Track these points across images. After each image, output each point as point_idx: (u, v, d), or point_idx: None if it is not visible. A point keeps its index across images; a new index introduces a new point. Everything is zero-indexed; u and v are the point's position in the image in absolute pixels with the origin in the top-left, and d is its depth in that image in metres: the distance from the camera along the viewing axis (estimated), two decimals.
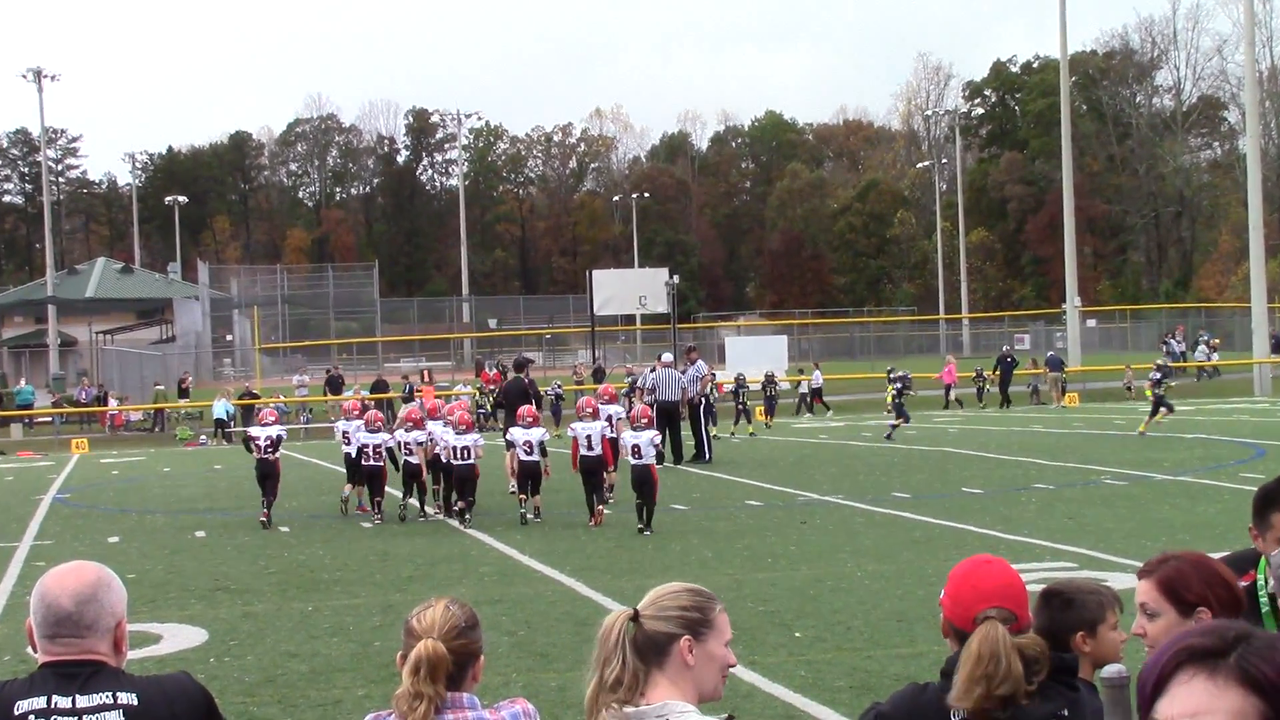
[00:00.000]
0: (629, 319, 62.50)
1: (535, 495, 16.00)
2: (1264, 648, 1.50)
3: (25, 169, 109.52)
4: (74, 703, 2.97)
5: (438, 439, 16.79)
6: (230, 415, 37.55)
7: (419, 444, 16.95)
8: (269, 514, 16.38)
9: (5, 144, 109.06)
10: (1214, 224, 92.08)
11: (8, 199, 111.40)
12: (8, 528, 17.45)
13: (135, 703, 3.00)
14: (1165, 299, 79.50)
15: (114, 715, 2.98)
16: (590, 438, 15.81)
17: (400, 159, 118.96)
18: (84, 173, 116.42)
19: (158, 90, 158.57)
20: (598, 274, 45.46)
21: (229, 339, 69.86)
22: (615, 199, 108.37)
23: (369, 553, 13.99)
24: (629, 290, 43.53)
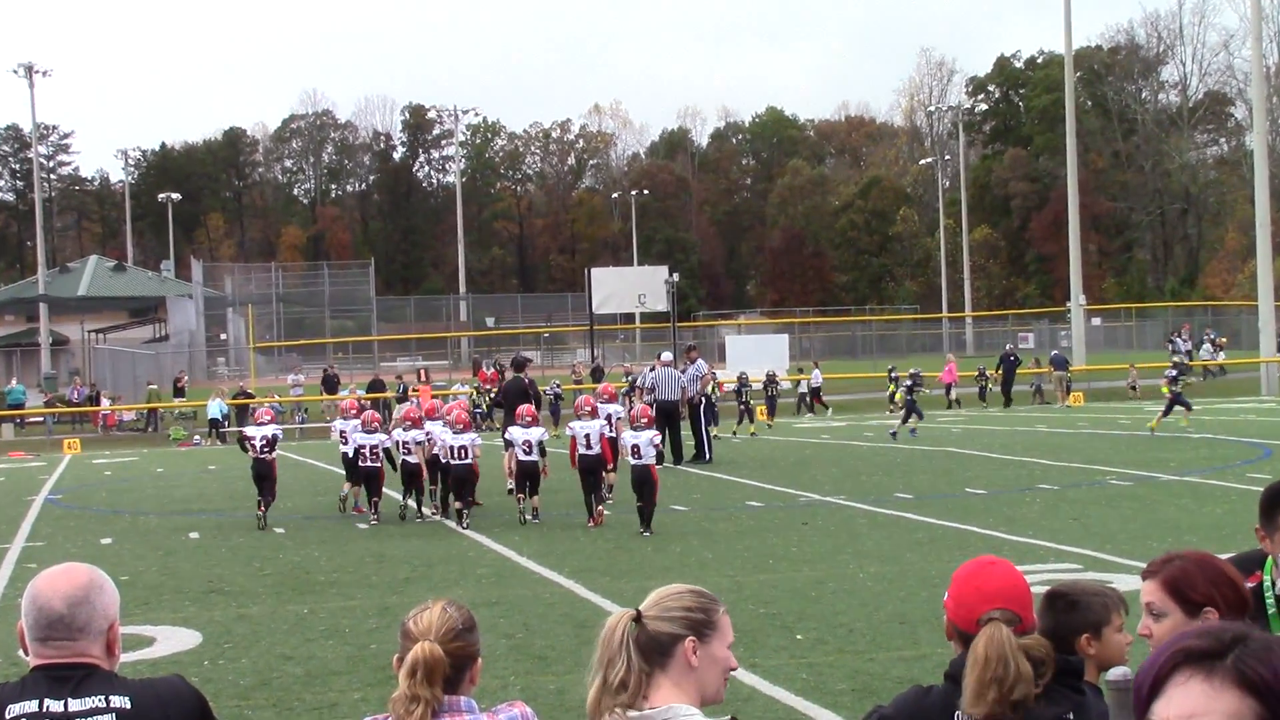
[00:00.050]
0: (628, 318, 62.53)
1: (534, 496, 15.97)
2: (1261, 649, 1.51)
3: (16, 165, 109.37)
4: (66, 706, 2.95)
5: (436, 439, 16.76)
6: (224, 415, 37.47)
7: (417, 443, 16.90)
8: (264, 513, 16.35)
9: None
10: (1220, 221, 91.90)
11: None
12: None
13: (128, 706, 2.98)
14: (1171, 297, 79.37)
15: (107, 719, 2.96)
16: (589, 436, 15.75)
17: (397, 156, 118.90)
18: (76, 169, 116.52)
19: (151, 86, 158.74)
20: (596, 272, 45.49)
21: (223, 338, 69.74)
22: (614, 196, 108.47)
23: (365, 554, 13.95)
24: (628, 288, 43.52)
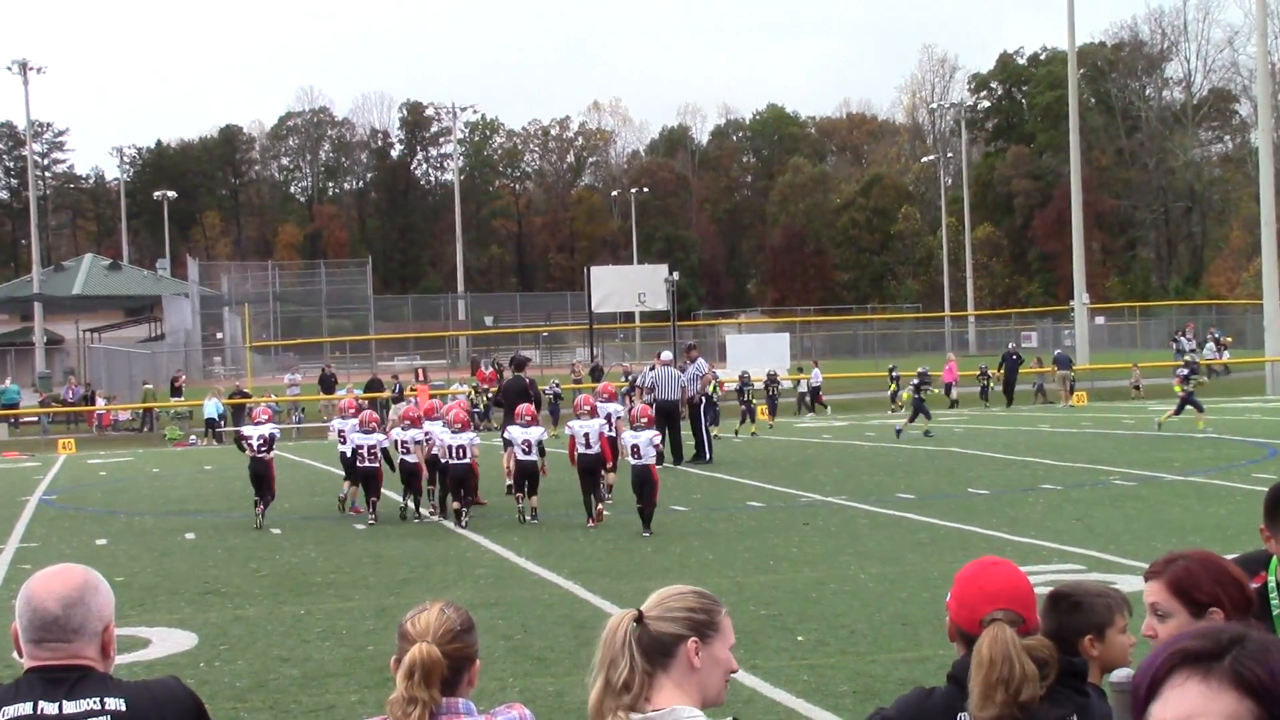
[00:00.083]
0: (628, 316, 62.50)
1: (533, 496, 15.93)
2: (1258, 650, 1.50)
3: (11, 163, 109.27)
4: (61, 709, 2.93)
5: (434, 438, 16.73)
6: (221, 415, 37.46)
7: (416, 442, 16.88)
8: (263, 513, 16.33)
9: None
10: (1225, 219, 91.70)
11: None
12: None
13: (123, 708, 2.96)
14: (1175, 296, 79.41)
15: None
16: (588, 435, 15.72)
17: (394, 153, 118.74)
18: (71, 167, 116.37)
19: (146, 83, 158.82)
20: (596, 270, 45.45)
21: (219, 337, 69.78)
22: (614, 194, 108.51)
23: (362, 555, 13.92)
24: (628, 287, 43.47)
